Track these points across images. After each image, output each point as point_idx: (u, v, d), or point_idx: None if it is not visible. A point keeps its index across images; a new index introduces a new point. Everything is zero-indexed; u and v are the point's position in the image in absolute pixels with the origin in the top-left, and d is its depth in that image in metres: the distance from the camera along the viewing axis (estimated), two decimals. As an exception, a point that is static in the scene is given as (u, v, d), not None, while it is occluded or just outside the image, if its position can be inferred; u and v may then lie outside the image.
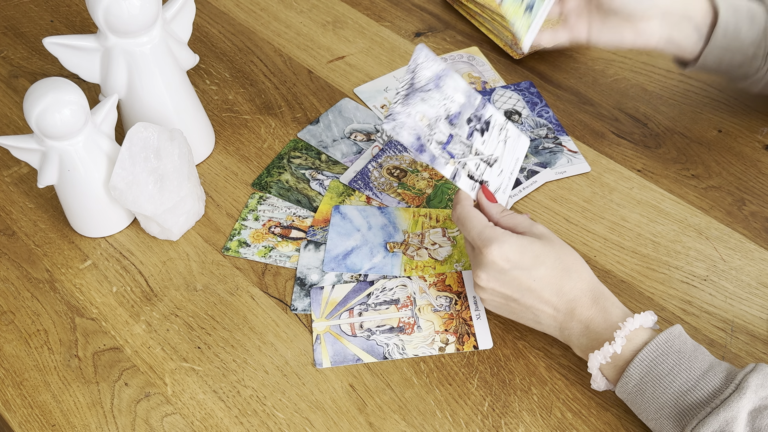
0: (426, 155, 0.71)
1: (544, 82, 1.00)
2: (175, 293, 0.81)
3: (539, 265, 0.69)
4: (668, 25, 0.83)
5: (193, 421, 0.72)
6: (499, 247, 0.69)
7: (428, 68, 0.72)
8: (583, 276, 0.70)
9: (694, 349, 0.66)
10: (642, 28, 0.83)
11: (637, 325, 0.66)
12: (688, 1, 0.83)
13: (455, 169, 0.73)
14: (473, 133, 0.74)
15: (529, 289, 0.70)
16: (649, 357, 0.65)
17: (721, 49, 0.83)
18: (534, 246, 0.70)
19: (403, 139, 0.70)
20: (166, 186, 0.82)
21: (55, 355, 0.77)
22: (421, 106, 0.71)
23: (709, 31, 0.83)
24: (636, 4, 0.82)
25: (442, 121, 0.72)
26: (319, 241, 0.84)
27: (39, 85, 0.77)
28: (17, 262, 0.85)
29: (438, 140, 0.72)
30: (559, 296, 0.69)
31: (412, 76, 0.71)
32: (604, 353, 0.67)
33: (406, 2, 1.12)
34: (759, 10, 0.83)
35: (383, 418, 0.71)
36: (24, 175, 0.93)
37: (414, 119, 0.70)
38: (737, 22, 0.82)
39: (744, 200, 0.86)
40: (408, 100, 0.70)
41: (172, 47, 0.85)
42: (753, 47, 0.83)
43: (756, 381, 0.62)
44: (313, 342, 0.77)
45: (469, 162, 0.74)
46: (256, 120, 0.97)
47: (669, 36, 0.84)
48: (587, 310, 0.69)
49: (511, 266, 0.69)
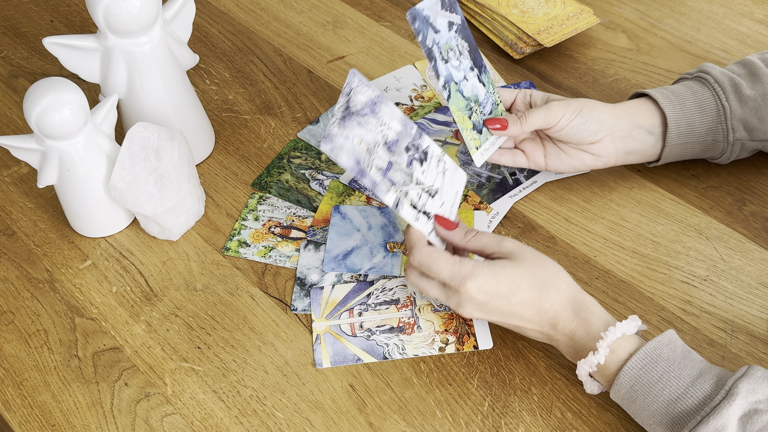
0: (367, 180, 0.70)
1: (544, 82, 1.00)
2: (175, 293, 0.81)
3: (516, 289, 0.69)
4: (621, 139, 0.82)
5: (193, 421, 0.72)
6: (473, 282, 0.69)
7: (362, 93, 0.71)
8: (561, 289, 0.70)
9: (684, 355, 0.66)
10: (597, 150, 0.82)
11: (619, 334, 0.66)
12: (634, 112, 0.82)
13: (397, 197, 0.71)
14: (412, 162, 0.73)
15: (511, 314, 0.70)
16: (638, 366, 0.65)
17: (680, 146, 0.83)
18: (507, 271, 0.70)
19: (342, 162, 0.69)
20: (166, 186, 0.82)
21: (55, 355, 0.77)
22: (359, 129, 0.70)
23: (663, 130, 0.82)
24: (583, 135, 0.80)
25: (381, 147, 0.71)
26: (319, 241, 0.84)
27: (39, 85, 0.77)
28: (17, 262, 0.85)
29: (378, 166, 0.71)
30: (541, 314, 0.70)
31: (347, 99, 0.70)
32: (589, 363, 0.67)
33: (406, 2, 1.12)
34: (705, 95, 0.82)
35: (383, 418, 0.71)
36: (24, 175, 0.93)
37: (352, 143, 0.69)
38: (687, 117, 0.81)
39: (744, 200, 0.86)
40: (345, 122, 0.69)
41: (172, 47, 0.85)
42: (711, 135, 0.82)
43: (746, 386, 0.62)
44: (313, 342, 0.77)
45: (411, 191, 0.73)
46: (256, 120, 0.97)
47: (626, 148, 0.82)
48: (569, 323, 0.69)
49: (489, 298, 0.70)
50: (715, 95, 0.82)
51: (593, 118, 0.80)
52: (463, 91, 0.79)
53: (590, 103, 0.81)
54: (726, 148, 0.83)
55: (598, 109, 0.81)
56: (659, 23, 1.07)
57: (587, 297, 0.70)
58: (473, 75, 0.81)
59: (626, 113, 0.82)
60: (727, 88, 0.82)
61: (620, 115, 0.82)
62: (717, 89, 0.82)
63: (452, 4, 0.79)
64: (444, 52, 0.78)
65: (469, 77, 0.80)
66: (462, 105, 0.79)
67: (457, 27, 0.79)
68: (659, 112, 0.82)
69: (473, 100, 0.80)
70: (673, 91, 0.83)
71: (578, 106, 0.80)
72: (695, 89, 0.83)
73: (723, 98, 0.81)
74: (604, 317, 0.69)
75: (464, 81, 0.80)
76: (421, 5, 0.76)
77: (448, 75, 0.78)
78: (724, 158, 0.84)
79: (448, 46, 0.78)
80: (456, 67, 0.79)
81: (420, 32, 0.75)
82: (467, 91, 0.80)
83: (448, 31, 0.78)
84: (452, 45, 0.79)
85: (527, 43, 1.01)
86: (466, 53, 0.80)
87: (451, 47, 0.79)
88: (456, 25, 0.79)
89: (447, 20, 0.78)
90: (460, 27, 0.80)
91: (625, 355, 0.66)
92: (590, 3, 1.10)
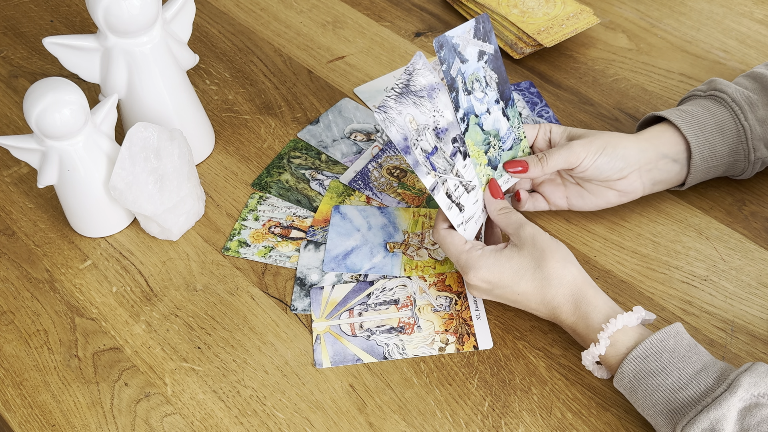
0: (410, 158, 0.71)
1: (544, 82, 1.00)
2: (175, 293, 0.81)
3: (519, 279, 0.71)
4: (648, 172, 0.79)
5: (193, 421, 0.72)
6: (475, 273, 0.72)
7: (424, 76, 0.72)
8: (564, 281, 0.70)
9: (690, 348, 0.66)
10: (623, 186, 0.79)
11: (620, 326, 0.67)
12: (658, 142, 0.79)
13: (435, 182, 0.72)
14: (456, 154, 0.74)
15: (516, 301, 0.73)
16: (643, 354, 0.66)
17: (703, 170, 0.81)
18: (512, 261, 0.71)
19: (391, 134, 0.70)
20: (166, 186, 0.82)
21: (55, 355, 0.77)
22: (413, 109, 0.71)
23: (687, 156, 0.80)
24: (609, 173, 0.78)
25: (430, 131, 0.72)
26: (319, 241, 0.84)
27: (39, 85, 0.77)
28: (17, 262, 0.85)
29: (423, 148, 0.72)
30: (544, 304, 0.71)
31: (408, 78, 0.71)
32: (591, 354, 0.69)
33: (406, 2, 1.12)
34: (724, 115, 0.80)
35: (383, 418, 0.71)
36: (24, 175, 0.93)
37: (404, 119, 0.71)
38: (709, 142, 0.79)
39: (744, 200, 0.86)
40: (401, 98, 0.71)
41: (172, 47, 0.85)
42: (733, 155, 0.81)
43: (748, 380, 0.62)
44: (313, 342, 0.77)
45: (450, 180, 0.74)
46: (256, 120, 0.97)
47: (652, 180, 0.80)
48: (570, 316, 0.70)
49: (492, 286, 0.72)
50: (733, 115, 0.80)
51: (618, 155, 0.77)
52: (483, 125, 0.77)
53: (614, 139, 0.78)
54: (747, 167, 0.82)
55: (623, 145, 0.78)
56: (659, 23, 1.07)
57: (590, 289, 0.70)
58: (497, 108, 0.78)
59: (651, 144, 0.79)
60: (744, 106, 0.80)
61: (646, 148, 0.79)
62: (735, 109, 0.80)
63: (487, 33, 0.76)
64: (468, 83, 0.75)
65: (492, 110, 0.77)
66: (479, 139, 0.76)
67: (488, 57, 0.77)
68: (682, 138, 0.80)
69: (493, 134, 0.77)
70: (691, 114, 0.80)
71: (601, 144, 0.77)
72: (713, 110, 0.80)
73: (742, 118, 0.79)
74: (605, 310, 0.69)
75: (486, 114, 0.77)
76: (452, 32, 0.73)
77: (469, 107, 0.75)
78: (745, 175, 0.83)
79: (474, 77, 0.75)
80: (480, 99, 0.76)
81: (445, 61, 0.73)
82: (488, 124, 0.77)
83: (477, 61, 0.76)
84: (479, 75, 0.76)
85: (527, 43, 1.01)
86: (493, 85, 0.77)
87: (478, 78, 0.76)
88: (488, 54, 0.76)
89: (478, 49, 0.76)
90: (492, 57, 0.77)
91: (624, 348, 0.67)
92: (590, 3, 1.10)
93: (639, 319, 0.68)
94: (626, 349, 0.67)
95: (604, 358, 0.69)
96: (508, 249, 0.72)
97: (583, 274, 0.71)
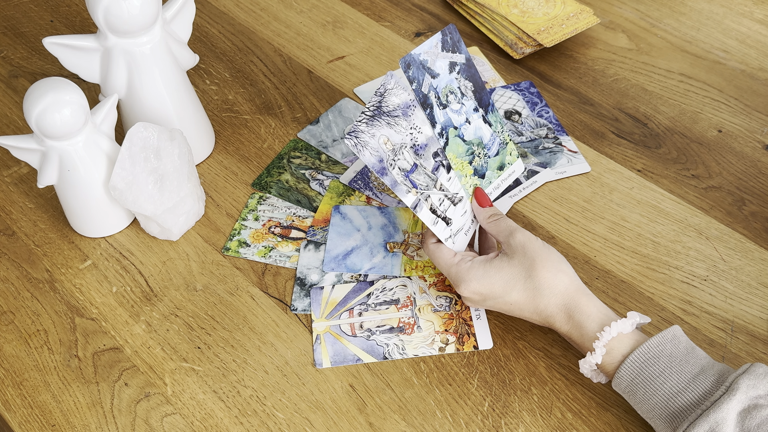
0: (388, 179, 0.71)
1: (544, 82, 1.00)
2: (175, 293, 0.81)
3: (510, 290, 0.71)
4: None
5: (193, 422, 0.72)
6: (466, 286, 0.73)
7: (397, 95, 0.71)
8: (556, 290, 0.70)
9: (688, 351, 0.66)
10: None
11: (614, 334, 0.67)
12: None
13: (417, 199, 0.72)
14: (438, 168, 0.74)
15: (509, 310, 0.73)
16: (639, 360, 0.65)
17: None
18: (502, 272, 0.71)
19: (365, 158, 0.69)
20: (166, 186, 0.82)
21: (55, 355, 0.77)
22: (387, 129, 0.70)
23: None
24: None
25: (407, 149, 0.72)
26: (319, 241, 0.84)
27: (39, 85, 0.77)
28: (17, 262, 0.85)
29: (401, 167, 0.71)
30: (537, 313, 0.71)
31: (380, 99, 0.70)
32: (588, 363, 0.68)
33: (406, 2, 1.12)
34: None
35: (383, 418, 0.71)
36: (24, 175, 0.93)
37: (378, 141, 0.70)
38: None
39: (744, 200, 0.86)
40: (373, 121, 0.70)
41: (172, 47, 0.85)
42: None
43: (747, 382, 0.62)
44: (313, 342, 0.77)
45: (433, 196, 0.73)
46: (256, 120, 0.97)
47: None
48: (564, 325, 0.70)
49: (483, 297, 0.73)
50: None
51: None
52: (464, 136, 0.76)
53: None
54: None
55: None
56: (659, 23, 1.07)
57: (583, 297, 0.70)
58: (477, 116, 0.77)
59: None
60: None
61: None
62: None
63: (456, 43, 0.75)
64: (443, 97, 0.74)
65: (472, 119, 0.77)
66: (462, 151, 0.76)
67: (460, 67, 0.76)
68: None
69: (476, 143, 0.77)
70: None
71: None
72: None
73: None
74: (599, 318, 0.68)
75: (466, 125, 0.76)
76: (418, 50, 0.72)
77: (446, 120, 0.75)
78: None
79: (447, 90, 0.75)
80: (456, 111, 0.75)
81: (414, 79, 0.72)
82: (469, 134, 0.76)
83: (450, 73, 0.75)
84: (453, 87, 0.75)
85: (527, 43, 1.01)
86: (469, 94, 0.77)
87: (452, 90, 0.75)
88: (459, 65, 0.76)
89: (449, 61, 0.75)
90: (464, 66, 0.76)
91: (620, 356, 0.67)
92: (590, 3, 1.10)
93: (634, 325, 0.68)
94: (622, 356, 0.66)
95: (602, 366, 0.68)
96: (498, 259, 0.72)
97: (576, 281, 0.71)
